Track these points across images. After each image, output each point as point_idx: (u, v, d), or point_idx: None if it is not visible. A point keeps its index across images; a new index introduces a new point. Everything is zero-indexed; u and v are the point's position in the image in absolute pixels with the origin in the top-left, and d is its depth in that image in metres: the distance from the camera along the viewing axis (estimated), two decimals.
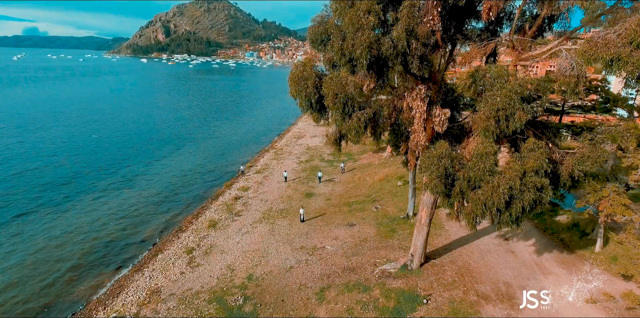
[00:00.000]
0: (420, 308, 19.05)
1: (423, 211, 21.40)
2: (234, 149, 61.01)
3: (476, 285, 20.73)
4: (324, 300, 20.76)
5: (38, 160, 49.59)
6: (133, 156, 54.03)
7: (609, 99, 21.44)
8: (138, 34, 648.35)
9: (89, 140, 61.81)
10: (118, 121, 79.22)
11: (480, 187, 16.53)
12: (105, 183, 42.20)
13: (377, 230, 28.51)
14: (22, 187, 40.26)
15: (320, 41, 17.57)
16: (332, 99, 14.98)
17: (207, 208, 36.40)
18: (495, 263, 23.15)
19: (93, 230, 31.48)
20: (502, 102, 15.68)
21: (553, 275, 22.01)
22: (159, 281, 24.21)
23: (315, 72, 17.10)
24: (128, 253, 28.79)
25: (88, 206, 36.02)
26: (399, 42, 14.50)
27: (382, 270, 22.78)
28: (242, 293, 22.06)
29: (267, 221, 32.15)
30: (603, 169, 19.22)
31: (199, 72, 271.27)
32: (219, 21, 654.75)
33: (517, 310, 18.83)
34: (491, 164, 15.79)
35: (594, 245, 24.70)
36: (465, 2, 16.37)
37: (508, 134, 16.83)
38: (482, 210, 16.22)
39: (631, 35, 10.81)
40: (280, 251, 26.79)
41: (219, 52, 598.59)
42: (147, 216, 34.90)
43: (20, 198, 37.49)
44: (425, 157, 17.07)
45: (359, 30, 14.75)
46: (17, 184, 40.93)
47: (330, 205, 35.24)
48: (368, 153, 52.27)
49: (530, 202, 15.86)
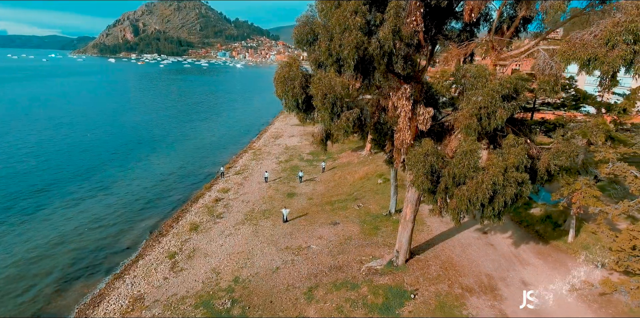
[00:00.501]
0: (408, 303, 19.43)
1: (407, 208, 21.82)
2: (212, 151, 60.03)
3: (460, 278, 21.33)
4: (312, 299, 20.82)
5: (5, 167, 47.08)
6: (107, 160, 52.17)
7: (579, 97, 22.61)
8: (105, 33, 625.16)
9: (60, 144, 59.13)
10: (89, 123, 76.23)
11: (464, 183, 17.03)
12: (79, 190, 40.53)
13: (360, 227, 28.81)
14: None
15: (306, 41, 17.57)
16: (321, 100, 15.04)
17: (187, 211, 35.69)
18: (477, 256, 23.90)
19: (70, 240, 30.14)
20: (484, 101, 16.20)
21: (531, 265, 22.95)
22: (141, 288, 23.56)
23: (302, 72, 17.08)
24: (108, 261, 27.81)
25: (63, 215, 34.45)
26: (385, 42, 14.72)
27: (369, 267, 23.06)
28: (230, 297, 21.79)
29: (250, 223, 31.85)
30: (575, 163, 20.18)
31: (171, 72, 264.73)
32: (190, 20, 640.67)
33: (500, 300, 19.53)
34: (475, 161, 16.30)
35: (566, 236, 25.92)
36: (446, 3, 16.87)
37: (489, 131, 17.41)
38: (467, 205, 16.72)
39: (607, 36, 11.43)
40: (265, 253, 26.62)
41: (190, 51, 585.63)
42: (126, 222, 33.82)
43: None
44: (411, 155, 17.42)
45: (346, 30, 14.87)
46: None
47: (312, 205, 35.30)
48: (347, 152, 52.67)
49: (512, 196, 16.50)
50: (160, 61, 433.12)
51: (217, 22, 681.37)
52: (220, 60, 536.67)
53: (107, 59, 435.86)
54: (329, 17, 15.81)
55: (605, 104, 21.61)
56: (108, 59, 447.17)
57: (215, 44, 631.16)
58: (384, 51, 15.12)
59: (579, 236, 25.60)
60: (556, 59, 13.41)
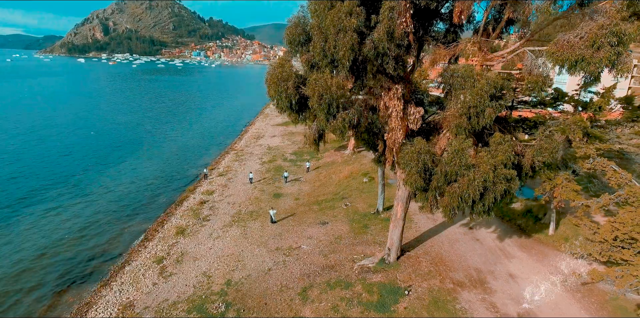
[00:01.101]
0: (402, 299, 19.78)
1: (398, 206, 22.19)
2: (193, 153, 59.02)
3: (451, 273, 21.88)
4: (307, 299, 20.88)
5: None
6: (86, 165, 50.33)
7: (557, 95, 23.62)
8: (73, 32, 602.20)
9: (34, 150, 56.45)
10: (64, 127, 73.33)
11: (456, 181, 17.50)
12: (59, 197, 38.92)
13: (350, 226, 29.05)
14: None
15: (298, 42, 17.64)
16: (318, 100, 15.12)
17: (172, 214, 34.99)
18: (464, 251, 24.56)
19: (52, 249, 28.94)
20: (474, 100, 16.67)
21: (516, 258, 23.79)
22: (130, 294, 22.99)
23: (295, 73, 17.11)
24: (93, 268, 26.92)
25: (43, 224, 32.97)
26: (380, 43, 14.94)
27: (361, 265, 23.31)
28: (223, 300, 21.58)
29: (237, 225, 31.56)
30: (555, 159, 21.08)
31: (144, 72, 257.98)
32: (162, 19, 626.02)
33: (490, 293, 20.17)
34: (467, 159, 16.78)
35: (547, 229, 27.00)
36: (435, 5, 17.29)
37: (478, 130, 17.96)
38: (459, 202, 17.19)
39: (593, 39, 12.02)
40: (256, 254, 26.47)
41: (163, 51, 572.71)
42: (109, 229, 32.80)
43: None
44: (404, 153, 17.75)
45: (340, 31, 15.01)
46: None
47: (299, 205, 35.32)
48: (330, 151, 52.88)
49: (501, 192, 17.12)
50: (132, 60, 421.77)
51: (190, 21, 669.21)
52: (194, 60, 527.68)
53: (76, 59, 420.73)
54: (322, 18, 15.90)
55: (583, 103, 22.67)
56: (77, 59, 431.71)
57: (189, 43, 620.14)
58: (378, 52, 15.36)
59: (559, 229, 26.72)
60: (545, 59, 13.98)
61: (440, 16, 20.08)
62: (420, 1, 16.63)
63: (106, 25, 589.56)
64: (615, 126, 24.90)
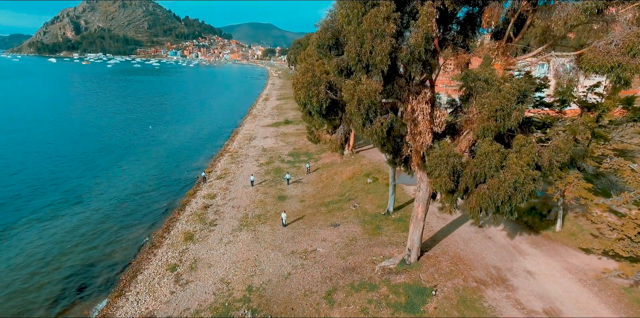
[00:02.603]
0: (430, 299, 20.08)
1: (419, 207, 22.48)
2: (185, 155, 57.93)
3: (472, 272, 22.35)
4: (334, 303, 20.90)
5: None
6: (76, 170, 48.71)
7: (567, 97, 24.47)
8: (42, 30, 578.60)
9: (18, 155, 54.14)
10: (42, 131, 70.52)
11: (484, 182, 17.91)
12: (53, 204, 37.57)
13: (362, 228, 29.21)
14: None
15: (327, 46, 17.62)
16: (357, 105, 15.15)
17: (177, 219, 34.30)
18: (479, 249, 25.11)
19: (55, 259, 27.91)
20: (501, 104, 17.08)
21: (530, 255, 24.50)
22: (149, 304, 22.44)
23: (326, 78, 17.08)
24: (102, 278, 26.14)
25: (41, 233, 31.71)
26: (416, 48, 15.08)
27: (382, 266, 23.52)
28: (248, 307, 21.35)
29: (247, 229, 31.24)
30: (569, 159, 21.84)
31: (121, 72, 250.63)
32: (137, 18, 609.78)
33: (513, 290, 20.72)
34: (497, 161, 17.18)
35: (553, 225, 27.92)
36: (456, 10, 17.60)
37: (503, 132, 18.44)
38: (489, 203, 17.60)
39: (629, 46, 12.55)
40: (272, 259, 26.28)
41: (138, 50, 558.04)
42: (111, 236, 31.90)
43: None
44: (433, 156, 18.02)
45: (377, 37, 15.07)
46: None
47: (306, 207, 35.25)
48: (327, 152, 52.86)
49: (529, 193, 17.62)
50: (106, 60, 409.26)
51: (166, 20, 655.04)
52: (171, 59, 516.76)
53: (47, 59, 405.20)
54: (355, 22, 15.92)
55: (591, 104, 23.57)
56: (48, 58, 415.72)
57: (165, 42, 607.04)
58: (413, 56, 15.51)
59: (565, 226, 27.68)
60: (576, 65, 14.49)
61: (457, 20, 20.47)
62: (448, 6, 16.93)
63: (77, 24, 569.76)
64: (617, 125, 26.03)
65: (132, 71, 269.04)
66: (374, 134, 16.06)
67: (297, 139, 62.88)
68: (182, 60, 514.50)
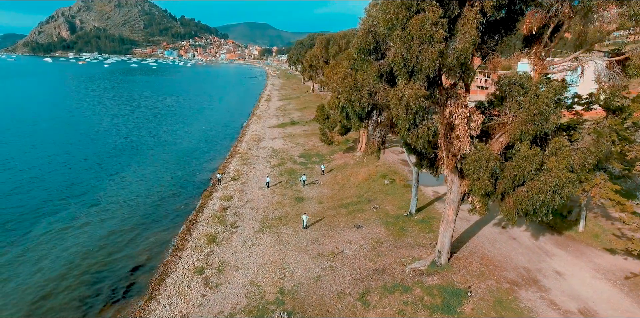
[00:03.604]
0: (465, 301, 20.29)
1: (450, 209, 22.69)
2: (195, 157, 57.95)
3: (503, 273, 22.60)
4: (369, 305, 21.06)
5: None
6: (88, 173, 48.47)
7: (592, 99, 24.83)
8: (37, 30, 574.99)
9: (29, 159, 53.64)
10: (52, 134, 70.17)
11: (523, 185, 18.14)
12: (70, 208, 37.48)
13: (386, 229, 29.39)
14: None
15: (367, 51, 17.80)
16: (405, 110, 15.30)
17: (196, 222, 34.34)
18: (507, 250, 25.38)
19: (78, 263, 27.78)
20: (540, 108, 17.33)
21: (556, 256, 24.79)
22: (181, 308, 22.48)
23: (368, 82, 17.23)
24: (128, 281, 26.12)
25: (61, 237, 31.53)
26: (463, 53, 15.27)
27: (413, 268, 23.71)
28: (282, 309, 21.46)
29: (269, 231, 31.33)
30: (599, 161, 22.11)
31: (119, 72, 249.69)
32: (132, 17, 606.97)
33: (546, 291, 20.98)
34: (537, 164, 17.41)
35: (575, 226, 28.25)
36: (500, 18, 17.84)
37: (540, 135, 18.71)
38: (528, 206, 17.83)
39: None
40: (299, 261, 26.39)
41: (134, 50, 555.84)
42: (132, 238, 31.87)
43: None
44: (471, 160, 18.23)
45: (424, 42, 15.24)
46: None
47: (326, 208, 35.38)
48: (339, 154, 53.11)
49: (567, 196, 17.88)
50: (103, 60, 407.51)
51: (162, 20, 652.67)
52: (168, 59, 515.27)
53: (42, 59, 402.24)
54: (398, 28, 16.07)
55: (617, 107, 23.89)
56: (44, 58, 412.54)
57: (161, 42, 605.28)
58: (459, 62, 15.71)
59: (587, 226, 28.02)
60: (629, 70, 14.76)
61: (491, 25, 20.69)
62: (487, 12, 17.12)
63: (73, 24, 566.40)
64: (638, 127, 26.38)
65: (130, 71, 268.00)
66: (420, 138, 16.23)
67: (306, 141, 62.98)
68: (178, 60, 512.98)
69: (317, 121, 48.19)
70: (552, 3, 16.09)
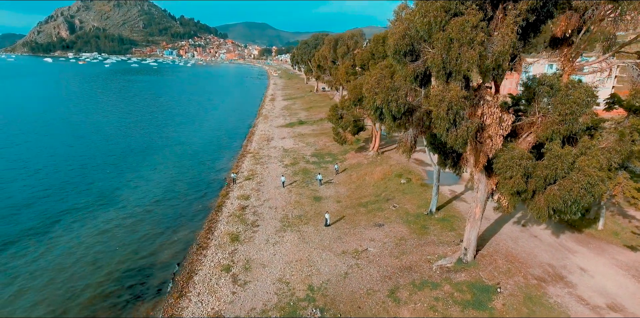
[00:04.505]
0: (495, 297, 20.73)
1: (477, 207, 23.12)
2: (206, 156, 58.28)
3: (529, 270, 23.05)
4: (400, 301, 21.49)
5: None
6: (102, 173, 48.83)
7: (614, 100, 25.31)
8: (36, 30, 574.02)
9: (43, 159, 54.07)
10: (62, 134, 70.50)
11: (554, 183, 18.57)
12: (88, 207, 37.87)
13: (408, 228, 29.82)
14: None
15: (403, 53, 18.21)
16: (445, 110, 15.72)
17: (216, 220, 34.72)
18: (530, 248, 25.83)
19: (104, 262, 28.20)
20: (571, 108, 17.78)
21: (578, 253, 25.25)
22: (213, 305, 22.87)
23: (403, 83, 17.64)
24: (156, 279, 26.57)
25: (85, 236, 31.93)
26: (501, 56, 15.68)
27: (440, 265, 24.15)
28: (314, 306, 21.87)
29: (291, 229, 31.73)
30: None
31: (120, 72, 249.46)
32: (132, 17, 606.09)
33: (573, 287, 21.44)
34: (569, 162, 17.85)
35: (594, 224, 28.72)
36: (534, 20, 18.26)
37: (571, 135, 19.16)
38: (560, 203, 18.26)
39: None
40: (325, 259, 26.80)
41: (134, 50, 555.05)
42: (155, 237, 32.27)
43: None
44: (505, 158, 18.68)
45: (463, 45, 15.66)
46: None
47: (344, 207, 35.79)
48: (351, 153, 53.51)
49: (599, 194, 18.32)
50: (102, 60, 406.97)
51: (161, 20, 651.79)
52: (167, 59, 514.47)
53: (42, 59, 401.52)
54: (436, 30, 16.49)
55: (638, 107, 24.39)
56: (44, 58, 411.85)
57: (161, 42, 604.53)
58: (497, 63, 16.12)
59: (606, 224, 28.49)
60: None
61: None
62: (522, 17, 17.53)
63: (72, 23, 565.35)
64: None
65: (131, 71, 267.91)
66: (459, 138, 16.63)
67: (316, 140, 63.37)
68: (178, 60, 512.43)
69: (330, 120, 48.56)
70: (586, 6, 16.51)
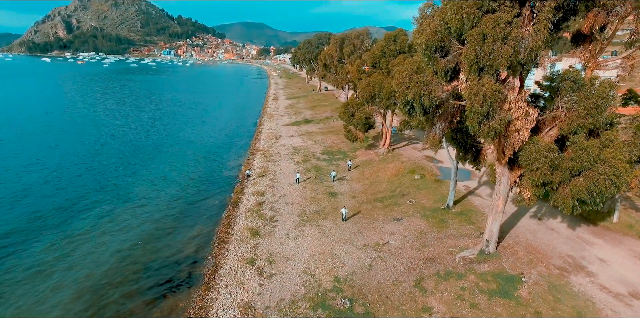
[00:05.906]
0: (521, 286, 21.35)
1: (499, 200, 23.73)
2: (214, 155, 58.72)
3: (550, 260, 23.69)
4: (426, 291, 22.07)
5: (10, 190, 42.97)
6: (117, 171, 49.12)
7: (630, 96, 26.06)
8: (33, 29, 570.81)
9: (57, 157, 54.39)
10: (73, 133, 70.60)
11: (579, 175, 19.19)
12: (105, 204, 38.10)
13: (427, 222, 30.42)
14: (15, 217, 35.03)
15: (434, 49, 18.78)
16: (480, 103, 16.30)
17: (235, 216, 35.20)
18: (548, 240, 26.47)
19: (130, 257, 28.53)
20: (596, 102, 18.43)
21: (596, 245, 25.92)
22: (242, 296, 23.36)
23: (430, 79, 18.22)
24: (182, 272, 27.04)
25: (105, 232, 32.20)
26: (534, 51, 16.27)
27: (462, 257, 24.75)
28: (343, 296, 22.42)
29: (310, 224, 32.25)
30: None
31: (119, 72, 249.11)
32: (129, 17, 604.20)
33: (594, 276, 22.09)
34: (595, 155, 18.48)
35: (609, 217, 29.43)
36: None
37: (594, 129, 19.79)
38: (585, 194, 18.89)
39: None
40: (347, 252, 27.35)
41: (131, 50, 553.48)
42: (174, 232, 32.75)
43: (22, 226, 32.69)
44: (531, 151, 19.29)
45: (497, 40, 16.25)
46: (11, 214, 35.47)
47: (360, 203, 36.36)
48: (361, 150, 54.09)
49: (623, 185, 18.97)
50: (101, 59, 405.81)
51: (159, 19, 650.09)
52: (166, 59, 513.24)
53: (40, 59, 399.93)
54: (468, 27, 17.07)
55: None
56: (41, 58, 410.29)
57: (159, 42, 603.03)
58: (529, 58, 16.72)
59: (620, 217, 29.20)
60: None
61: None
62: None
63: (69, 23, 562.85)
64: None
65: (130, 71, 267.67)
66: (491, 131, 17.22)
67: (324, 138, 63.92)
68: (176, 59, 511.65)
69: (342, 118, 49.14)
70: (614, 3, 17.13)
